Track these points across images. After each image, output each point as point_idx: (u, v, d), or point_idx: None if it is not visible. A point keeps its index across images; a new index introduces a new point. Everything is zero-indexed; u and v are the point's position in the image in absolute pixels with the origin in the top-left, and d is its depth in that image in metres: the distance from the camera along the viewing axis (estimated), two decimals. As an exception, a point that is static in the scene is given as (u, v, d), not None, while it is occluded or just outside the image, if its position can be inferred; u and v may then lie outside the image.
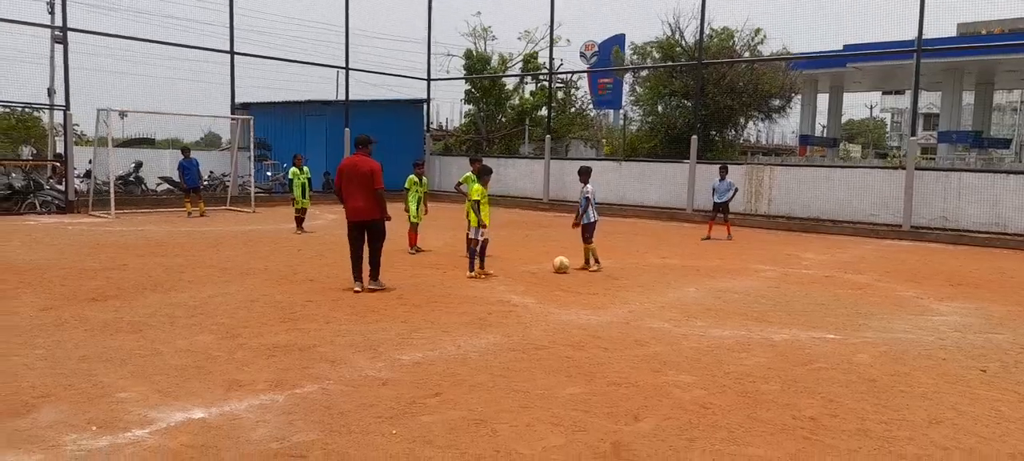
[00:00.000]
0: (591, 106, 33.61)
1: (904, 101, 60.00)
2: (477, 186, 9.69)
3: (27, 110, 35.95)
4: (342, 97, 24.33)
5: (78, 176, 19.01)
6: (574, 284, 9.07)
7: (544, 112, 27.81)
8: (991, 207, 15.54)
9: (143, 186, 21.15)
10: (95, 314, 6.87)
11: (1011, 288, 9.75)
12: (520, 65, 30.84)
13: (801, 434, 4.24)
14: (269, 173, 23.65)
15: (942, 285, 9.81)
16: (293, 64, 24.53)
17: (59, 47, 18.25)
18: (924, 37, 16.58)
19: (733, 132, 26.46)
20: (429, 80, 26.29)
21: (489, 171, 10.07)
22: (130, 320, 6.66)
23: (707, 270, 10.62)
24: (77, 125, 22.82)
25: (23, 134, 34.69)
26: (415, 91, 27.02)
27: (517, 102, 31.40)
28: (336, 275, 9.31)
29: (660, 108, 25.97)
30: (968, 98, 43.71)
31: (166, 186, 21.05)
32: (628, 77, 28.72)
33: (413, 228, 11.72)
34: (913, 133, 18.30)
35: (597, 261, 10.33)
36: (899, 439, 4.20)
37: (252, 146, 20.43)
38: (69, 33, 17.50)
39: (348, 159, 8.44)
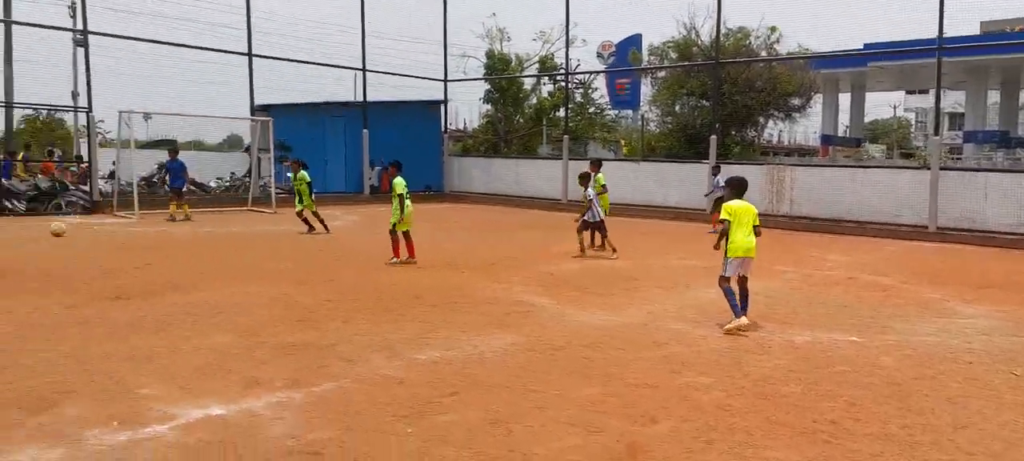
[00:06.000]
0: (609, 106, 33.52)
1: (928, 101, 59.12)
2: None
3: (52, 113, 36.65)
4: (360, 98, 24.46)
5: (102, 177, 19.27)
6: (592, 285, 9.03)
7: (562, 113, 27.76)
8: (1018, 207, 15.23)
9: (166, 187, 21.36)
10: (118, 313, 6.95)
11: (1039, 290, 9.55)
12: (537, 66, 30.82)
13: (821, 438, 4.18)
14: (289, 174, 23.79)
15: (967, 287, 9.63)
16: (311, 66, 24.58)
17: (81, 50, 18.49)
18: (945, 35, 16.34)
19: (752, 132, 26.23)
20: (446, 81, 26.34)
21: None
22: (152, 319, 6.73)
23: (726, 271, 10.50)
24: (102, 122, 23.05)
25: (47, 137, 35.33)
26: (433, 92, 26.99)
27: (535, 102, 31.37)
28: (355, 277, 9.35)
29: (677, 108, 25.82)
30: (994, 97, 42.99)
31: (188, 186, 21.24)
32: (646, 77, 28.60)
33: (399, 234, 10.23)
34: (937, 133, 18.02)
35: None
36: (923, 444, 4.12)
37: (272, 147, 20.59)
38: (90, 36, 17.75)
39: None
